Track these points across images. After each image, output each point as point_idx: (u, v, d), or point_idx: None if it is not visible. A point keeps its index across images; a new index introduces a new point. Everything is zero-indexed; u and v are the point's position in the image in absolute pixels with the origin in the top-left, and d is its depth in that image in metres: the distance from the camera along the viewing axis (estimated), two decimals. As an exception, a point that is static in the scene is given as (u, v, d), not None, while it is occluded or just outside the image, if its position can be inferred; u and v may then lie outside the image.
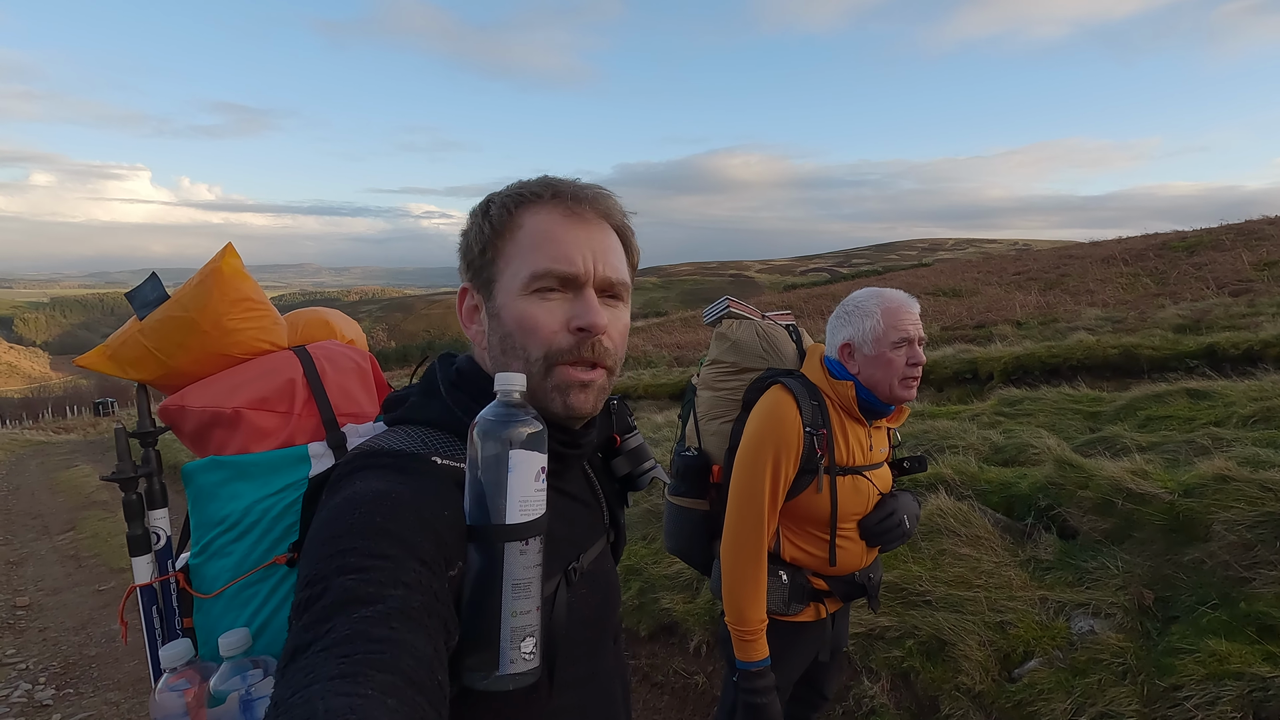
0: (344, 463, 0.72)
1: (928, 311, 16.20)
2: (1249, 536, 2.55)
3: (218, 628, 0.90)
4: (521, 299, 0.74)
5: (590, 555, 0.83)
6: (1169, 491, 2.88)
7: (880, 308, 1.53)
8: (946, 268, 33.49)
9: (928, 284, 23.80)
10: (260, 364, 1.03)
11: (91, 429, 21.56)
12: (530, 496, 0.65)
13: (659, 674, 3.22)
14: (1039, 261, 24.23)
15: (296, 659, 0.51)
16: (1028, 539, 3.12)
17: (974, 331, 10.54)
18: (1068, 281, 17.43)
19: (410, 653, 0.52)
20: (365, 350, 1.19)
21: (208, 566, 0.93)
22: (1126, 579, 2.70)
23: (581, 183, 0.78)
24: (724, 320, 1.81)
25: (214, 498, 0.94)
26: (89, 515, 8.20)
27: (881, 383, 1.54)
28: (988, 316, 12.19)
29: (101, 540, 6.99)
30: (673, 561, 3.74)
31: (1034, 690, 2.40)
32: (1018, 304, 13.48)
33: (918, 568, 2.97)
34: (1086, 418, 4.71)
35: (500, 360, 0.76)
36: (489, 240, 0.77)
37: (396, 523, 0.61)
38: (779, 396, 1.55)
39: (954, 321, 12.36)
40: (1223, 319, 8.45)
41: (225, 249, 1.06)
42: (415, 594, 0.56)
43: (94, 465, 12.48)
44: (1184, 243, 18.87)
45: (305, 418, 0.98)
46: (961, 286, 20.65)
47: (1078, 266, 19.56)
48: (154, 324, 1.03)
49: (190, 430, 1.01)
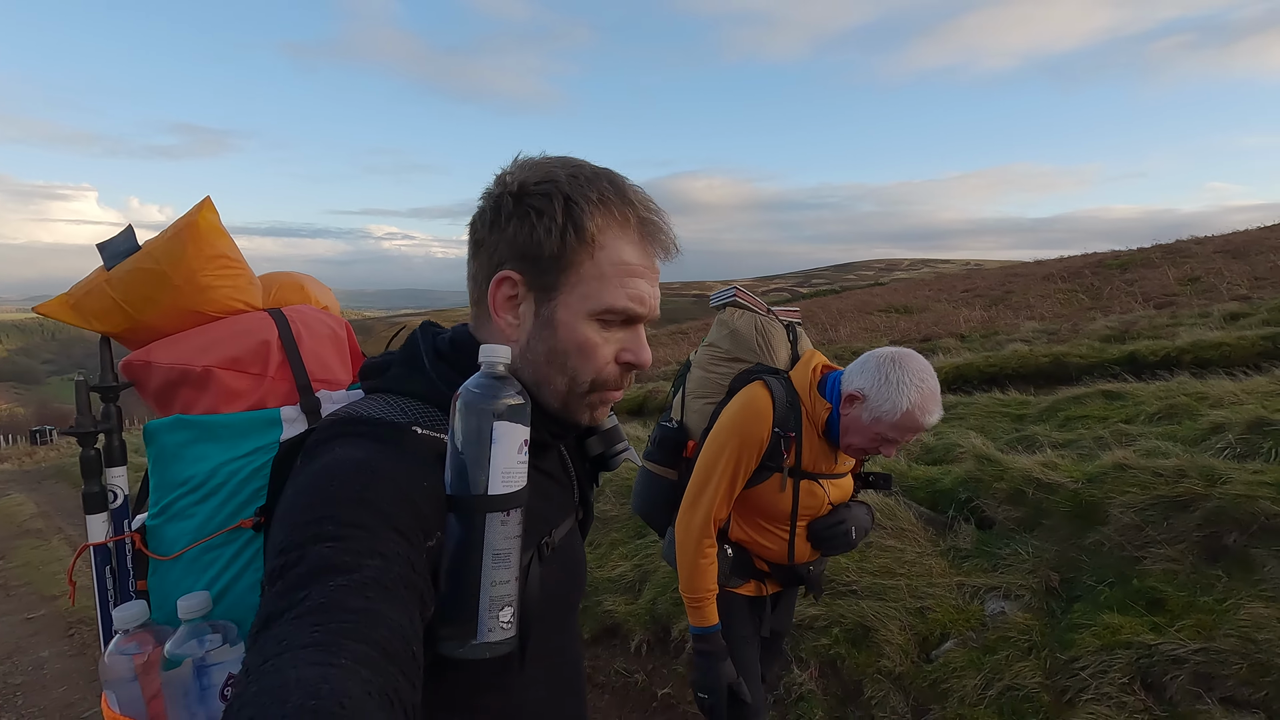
0: (321, 429, 0.71)
1: (880, 327, 16.71)
2: (1141, 518, 2.74)
3: (175, 591, 0.88)
4: (587, 323, 0.74)
5: (560, 532, 0.84)
6: (1074, 481, 3.08)
7: (910, 408, 1.46)
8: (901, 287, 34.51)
9: (881, 302, 24.51)
10: (234, 323, 1.00)
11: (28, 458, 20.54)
12: (513, 468, 0.66)
13: (600, 675, 3.26)
14: (986, 280, 25.19)
15: (270, 626, 0.50)
16: (949, 530, 3.28)
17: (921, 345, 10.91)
18: (1011, 298, 18.16)
19: (385, 623, 0.51)
20: (340, 317, 1.17)
21: (167, 528, 0.90)
22: (1035, 563, 2.88)
23: (654, 207, 0.77)
24: (728, 308, 1.84)
25: (178, 458, 0.91)
26: (21, 544, 7.84)
27: (848, 439, 1.58)
28: (934, 331, 12.65)
29: (33, 569, 6.69)
30: (616, 564, 3.80)
31: (948, 669, 2.53)
32: (962, 319, 14.01)
33: (845, 559, 3.09)
34: (1014, 420, 4.95)
35: (542, 368, 0.76)
36: (562, 247, 0.73)
37: (374, 492, 0.60)
38: (758, 393, 1.59)
39: (902, 336, 12.78)
40: (1147, 330, 8.94)
41: (203, 202, 1.02)
42: (392, 564, 0.56)
43: (28, 494, 11.91)
44: (1118, 261, 19.89)
45: (279, 381, 0.95)
46: (913, 304, 21.33)
47: (1021, 284, 20.41)
48: (123, 275, 0.98)
49: (155, 387, 0.97)
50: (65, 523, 9.33)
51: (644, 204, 0.76)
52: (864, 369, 1.53)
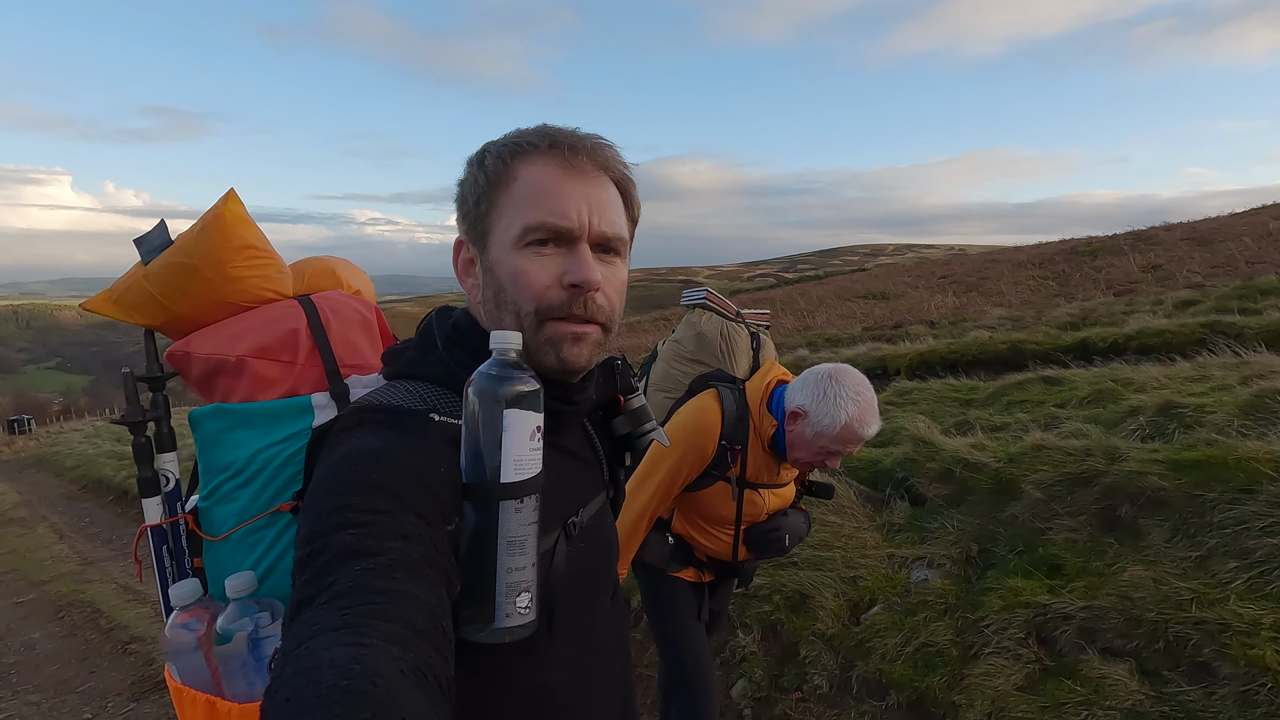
0: (343, 418, 0.72)
1: (856, 314, 17.03)
2: (1049, 494, 3.03)
3: (226, 569, 0.92)
4: (515, 252, 0.73)
5: (589, 511, 0.84)
6: (997, 461, 3.36)
7: (849, 421, 1.52)
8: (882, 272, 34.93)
9: (862, 288, 24.86)
10: (264, 312, 1.02)
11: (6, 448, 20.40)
12: (525, 455, 0.65)
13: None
14: (964, 266, 25.61)
15: (300, 612, 0.51)
16: (885, 506, 3.56)
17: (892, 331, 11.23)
18: (986, 285, 18.56)
19: (413, 601, 0.52)
20: (372, 301, 1.19)
21: (215, 510, 0.94)
22: (959, 535, 3.16)
23: (581, 132, 0.76)
24: (697, 309, 1.87)
25: (219, 444, 0.94)
26: (6, 532, 7.96)
27: (794, 453, 1.63)
28: (906, 317, 12.97)
29: (20, 556, 6.84)
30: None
31: (874, 630, 2.81)
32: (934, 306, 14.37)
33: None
34: (962, 404, 5.25)
35: (494, 314, 0.75)
36: (484, 191, 0.75)
37: (392, 479, 0.61)
38: (708, 404, 1.62)
39: (875, 323, 13.10)
40: (1105, 316, 9.30)
41: (228, 194, 1.03)
42: (415, 545, 0.57)
43: (10, 484, 11.96)
44: (1089, 248, 20.32)
45: (309, 368, 0.97)
46: (890, 290, 21.70)
47: (996, 271, 20.82)
48: (158, 270, 1.01)
49: (196, 376, 1.00)
50: (49, 511, 9.43)
51: (565, 133, 0.75)
52: (804, 386, 1.59)
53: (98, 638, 4.52)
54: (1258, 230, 16.26)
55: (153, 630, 4.48)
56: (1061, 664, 2.43)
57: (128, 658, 4.12)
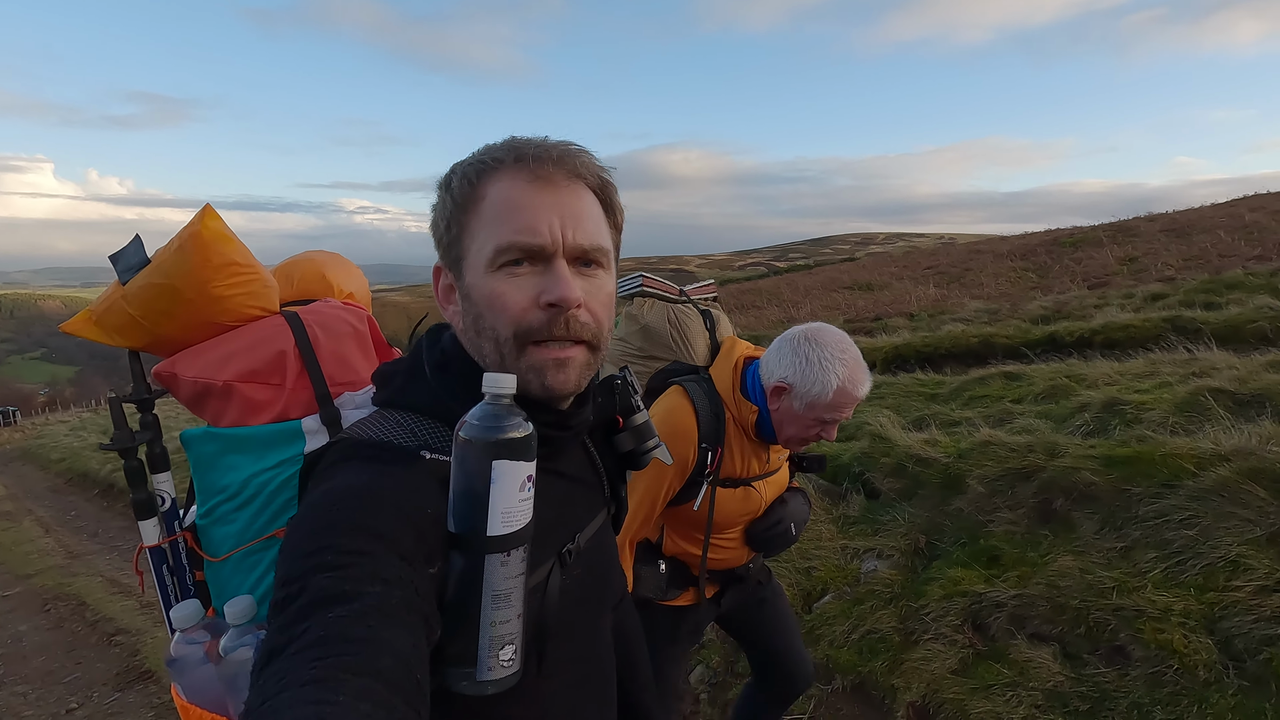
0: (329, 453, 0.70)
1: (840, 305, 17.20)
2: (992, 488, 3.19)
3: (228, 586, 0.92)
4: (489, 276, 0.70)
5: (588, 533, 0.81)
6: (947, 456, 3.52)
7: (840, 383, 1.39)
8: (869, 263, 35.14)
9: (848, 279, 25.01)
10: (251, 332, 0.98)
11: (-10, 440, 20.32)
12: (513, 508, 0.63)
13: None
14: (949, 257, 25.82)
15: (271, 662, 0.50)
16: (842, 500, 3.72)
17: (872, 324, 11.39)
18: (968, 276, 18.76)
19: (388, 651, 0.51)
20: (364, 307, 1.14)
21: (214, 530, 0.93)
22: (909, 527, 3.32)
23: (549, 141, 0.72)
24: (635, 299, 1.68)
25: (213, 467, 0.93)
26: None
27: (784, 432, 1.48)
28: (888, 310, 13.15)
29: (5, 549, 6.92)
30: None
31: (824, 618, 2.97)
32: (915, 298, 14.56)
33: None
34: (927, 399, 5.41)
35: (474, 342, 0.73)
36: (453, 215, 0.72)
37: (375, 517, 0.59)
38: (677, 404, 1.46)
39: (857, 315, 13.28)
40: (1077, 310, 9.49)
41: (204, 210, 0.98)
42: (394, 589, 0.55)
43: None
44: (1071, 239, 20.54)
45: (298, 390, 0.94)
46: (876, 281, 21.89)
47: (980, 261, 21.02)
48: (136, 291, 0.97)
49: (185, 397, 0.98)
50: (34, 504, 9.49)
51: (533, 141, 0.72)
52: (780, 356, 1.44)
53: (84, 630, 4.62)
54: (1234, 222, 16.52)
55: (138, 622, 4.59)
56: (993, 648, 2.60)
57: (113, 649, 4.23)
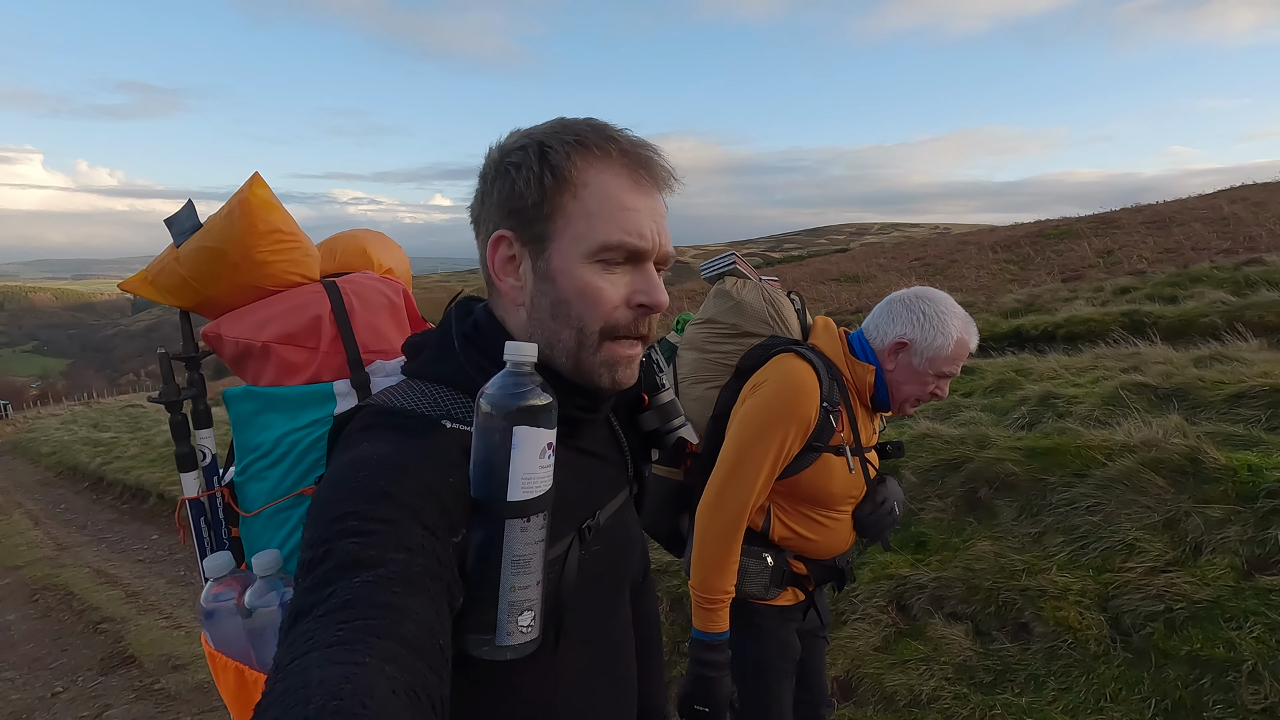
0: (357, 418, 0.71)
1: (825, 298, 17.39)
2: (924, 478, 3.39)
3: (259, 541, 0.97)
4: (585, 266, 0.70)
5: (609, 510, 0.82)
6: (888, 447, 3.71)
7: (960, 335, 1.44)
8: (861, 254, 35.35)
9: (837, 270, 25.23)
10: (289, 298, 1.02)
11: (-18, 434, 20.37)
12: (534, 474, 0.64)
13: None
14: (938, 248, 26.02)
15: (298, 623, 0.51)
16: (790, 490, 3.91)
17: (852, 316, 11.58)
18: (955, 268, 18.96)
19: (411, 617, 0.52)
20: (401, 281, 1.17)
21: (248, 487, 0.98)
22: (849, 515, 3.51)
23: (641, 140, 0.74)
24: (726, 278, 1.67)
25: (250, 425, 0.98)
26: (-19, 518, 8.17)
27: (901, 392, 1.50)
28: (869, 303, 13.33)
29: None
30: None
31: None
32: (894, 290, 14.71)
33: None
34: (887, 392, 5.61)
35: (548, 325, 0.72)
36: (549, 193, 0.70)
37: (400, 487, 0.60)
38: (798, 365, 1.43)
39: (839, 307, 13.47)
40: (1049, 303, 9.68)
41: (253, 178, 1.02)
42: (418, 558, 0.56)
43: (-14, 470, 12.10)
44: (1057, 231, 20.71)
45: (332, 355, 0.97)
46: (863, 273, 22.09)
47: (966, 253, 21.23)
48: (188, 253, 1.02)
49: (229, 357, 1.03)
50: (24, 497, 9.64)
51: (629, 138, 0.73)
52: (894, 316, 1.48)
53: (70, 618, 4.80)
54: (1213, 214, 16.74)
55: (123, 610, 4.77)
56: (913, 627, 2.80)
57: (98, 636, 4.41)
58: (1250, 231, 12.97)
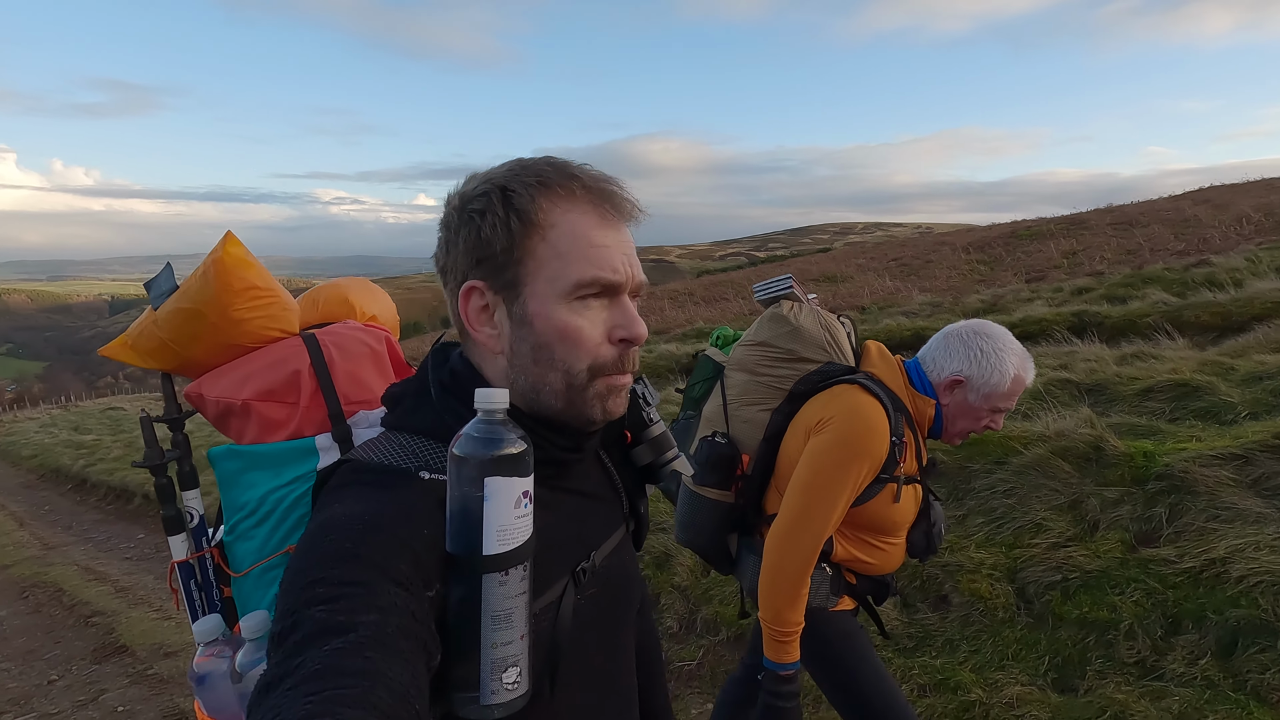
0: (334, 477, 0.71)
1: (802, 298, 17.66)
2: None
3: (249, 601, 0.96)
4: (561, 307, 0.70)
5: (604, 550, 0.81)
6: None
7: (1017, 372, 1.48)
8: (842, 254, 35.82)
9: (818, 270, 25.59)
10: (269, 353, 1.03)
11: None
12: (509, 524, 0.62)
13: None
14: (914, 249, 26.49)
15: (267, 696, 0.50)
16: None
17: (825, 317, 11.89)
18: (928, 269, 19.39)
19: (384, 684, 0.51)
20: (384, 328, 1.18)
21: (236, 546, 0.97)
22: (798, 503, 3.80)
23: (602, 175, 0.74)
24: (783, 301, 1.67)
25: (235, 484, 0.97)
26: (-36, 523, 8.24)
27: (957, 426, 1.54)
28: (842, 303, 13.69)
29: (-19, 545, 7.18)
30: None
31: (716, 582, 3.45)
32: (869, 291, 15.14)
33: (663, 505, 3.98)
34: (846, 390, 5.91)
35: (530, 370, 0.72)
36: (517, 237, 0.70)
37: (369, 546, 0.59)
38: (866, 401, 1.44)
39: (813, 308, 13.77)
40: (1010, 303, 10.05)
41: (226, 237, 1.03)
42: (391, 617, 0.55)
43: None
44: (1029, 231, 21.18)
45: (313, 409, 0.97)
46: (841, 274, 22.48)
47: (942, 254, 21.68)
48: (166, 315, 1.03)
49: (212, 416, 1.03)
50: (7, 500, 9.71)
51: (589, 174, 0.73)
52: (950, 351, 1.52)
53: (61, 613, 4.96)
54: (1176, 216, 17.29)
55: (113, 604, 4.94)
56: (848, 601, 3.09)
57: (89, 629, 4.59)
58: (1205, 233, 13.47)
